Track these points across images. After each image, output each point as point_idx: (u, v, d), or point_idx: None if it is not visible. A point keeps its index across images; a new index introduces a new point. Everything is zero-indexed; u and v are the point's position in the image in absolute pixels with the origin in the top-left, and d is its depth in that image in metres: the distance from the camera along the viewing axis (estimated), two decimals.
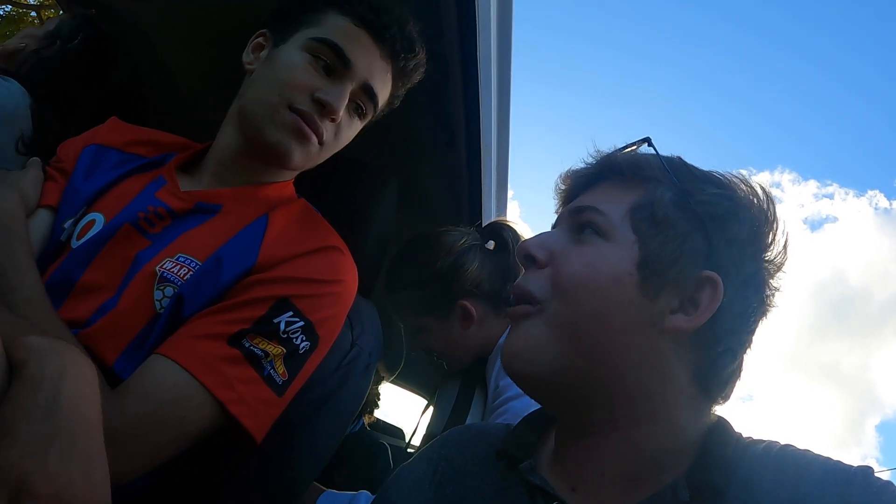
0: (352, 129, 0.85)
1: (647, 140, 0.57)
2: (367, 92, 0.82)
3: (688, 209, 0.53)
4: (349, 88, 0.79)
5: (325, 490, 1.10)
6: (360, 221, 1.00)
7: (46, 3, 7.19)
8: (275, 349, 0.69)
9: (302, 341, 0.72)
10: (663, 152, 0.57)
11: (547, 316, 0.53)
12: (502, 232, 1.24)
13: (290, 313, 0.71)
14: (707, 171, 0.56)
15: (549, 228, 0.61)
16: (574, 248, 0.55)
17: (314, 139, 0.79)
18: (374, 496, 0.74)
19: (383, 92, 0.85)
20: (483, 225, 1.46)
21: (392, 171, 1.06)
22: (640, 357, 0.51)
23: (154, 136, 0.92)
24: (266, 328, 0.70)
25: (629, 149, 0.59)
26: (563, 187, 0.62)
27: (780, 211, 0.55)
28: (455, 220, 1.42)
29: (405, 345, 1.32)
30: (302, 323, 0.72)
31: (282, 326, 0.70)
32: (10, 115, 1.18)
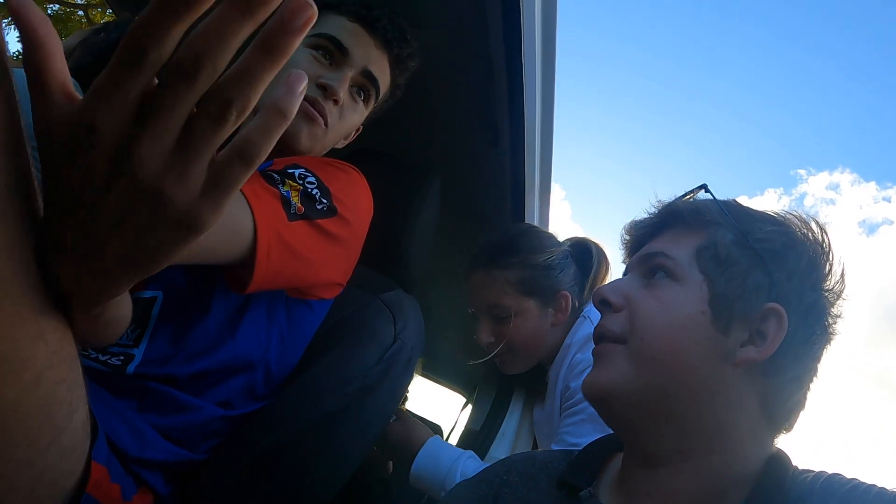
0: (356, 112, 0.91)
1: (704, 186, 0.62)
2: (368, 76, 0.89)
3: (748, 247, 0.56)
4: (349, 74, 0.87)
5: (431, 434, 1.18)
6: (404, 220, 1.02)
7: (94, 1, 7.28)
8: (292, 183, 0.72)
9: (318, 195, 0.73)
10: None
11: (628, 352, 0.57)
12: (590, 247, 1.30)
13: (303, 170, 0.75)
14: (762, 211, 0.60)
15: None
16: (648, 292, 0.59)
17: (320, 120, 0.85)
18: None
19: (383, 78, 0.92)
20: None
21: (436, 171, 1.08)
22: (715, 388, 0.54)
23: None
24: (281, 174, 0.72)
25: (688, 196, 0.63)
26: (627, 237, 0.67)
27: (836, 244, 0.58)
28: (499, 219, 1.43)
29: (455, 341, 1.33)
30: (314, 179, 0.75)
31: (296, 173, 0.74)
32: None
